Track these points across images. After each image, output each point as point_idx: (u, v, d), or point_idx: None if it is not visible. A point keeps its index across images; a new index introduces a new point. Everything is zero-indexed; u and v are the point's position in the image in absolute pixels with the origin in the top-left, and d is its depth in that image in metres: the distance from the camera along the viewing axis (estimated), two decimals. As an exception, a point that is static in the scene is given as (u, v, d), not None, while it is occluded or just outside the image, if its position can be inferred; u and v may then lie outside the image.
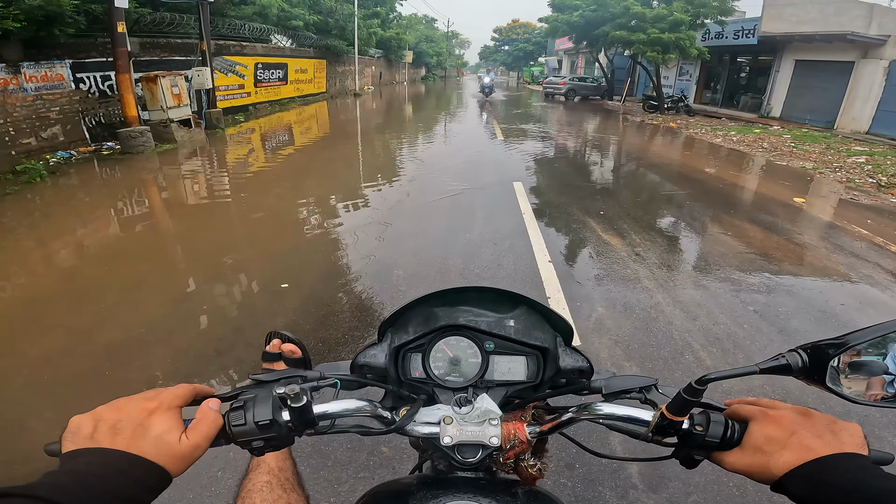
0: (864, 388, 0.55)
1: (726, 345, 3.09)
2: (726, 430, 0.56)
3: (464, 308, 0.78)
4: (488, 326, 0.75)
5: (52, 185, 7.08)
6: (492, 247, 4.53)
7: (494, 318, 0.77)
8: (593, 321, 3.30)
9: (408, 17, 46.26)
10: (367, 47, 27.86)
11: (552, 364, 0.75)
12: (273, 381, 0.61)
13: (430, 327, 0.75)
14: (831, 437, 0.50)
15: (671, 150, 11.29)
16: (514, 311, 0.78)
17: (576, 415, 0.66)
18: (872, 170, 8.96)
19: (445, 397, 0.73)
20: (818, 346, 0.55)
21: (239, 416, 0.56)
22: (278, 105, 17.72)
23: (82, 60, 9.52)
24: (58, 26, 8.44)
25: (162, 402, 0.53)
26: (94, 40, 9.68)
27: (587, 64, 33.05)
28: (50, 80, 8.89)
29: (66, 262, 4.50)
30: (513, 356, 0.76)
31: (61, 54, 9.10)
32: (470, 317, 0.76)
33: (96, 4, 9.23)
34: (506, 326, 0.76)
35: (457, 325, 0.75)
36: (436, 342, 0.76)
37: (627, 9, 17.37)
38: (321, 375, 0.67)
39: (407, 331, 0.76)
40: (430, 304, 0.79)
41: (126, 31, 9.07)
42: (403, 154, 9.68)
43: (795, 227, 5.59)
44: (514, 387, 0.76)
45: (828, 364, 0.54)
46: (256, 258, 4.45)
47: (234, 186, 7.05)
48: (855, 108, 15.13)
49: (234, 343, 3.04)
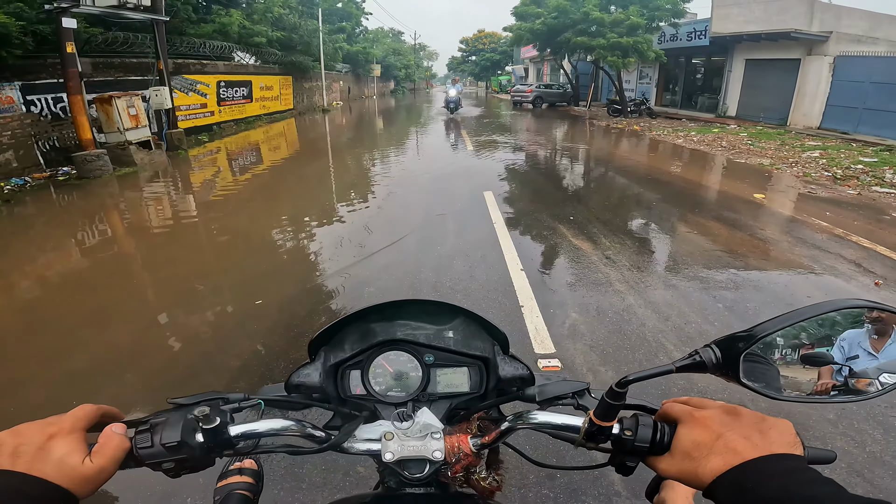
0: (810, 380, 0.54)
1: (698, 343, 3.06)
2: (655, 433, 0.54)
3: (401, 322, 0.77)
4: (427, 339, 0.74)
5: (7, 214, 6.77)
6: (464, 258, 4.50)
7: (433, 331, 0.76)
8: (567, 327, 3.29)
9: (374, 31, 46.25)
10: (333, 62, 27.72)
11: (494, 374, 0.74)
12: (191, 403, 0.60)
13: (368, 343, 0.74)
14: (759, 437, 0.47)
15: (636, 153, 11.53)
16: (452, 322, 0.78)
17: (512, 424, 0.65)
18: (827, 163, 9.31)
19: (387, 413, 0.71)
20: (729, 339, 0.54)
21: (145, 439, 0.56)
22: (244, 123, 17.32)
23: (32, 82, 9.17)
24: (4, 48, 8.16)
25: (63, 426, 0.52)
26: (44, 61, 9.35)
27: (552, 71, 33.63)
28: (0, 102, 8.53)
29: (24, 294, 4.28)
30: (454, 367, 0.75)
31: (10, 76, 8.75)
32: (408, 330, 0.75)
33: (44, 25, 8.97)
34: (444, 338, 0.75)
35: (395, 339, 0.74)
36: (374, 358, 0.74)
37: (587, 14, 17.80)
38: (245, 396, 0.66)
39: (343, 348, 0.75)
40: (365, 320, 0.77)
41: (76, 52, 8.78)
42: (374, 169, 9.58)
43: (758, 223, 5.73)
44: (458, 398, 0.75)
45: (739, 358, 0.52)
46: (221, 284, 4.32)
47: (197, 210, 6.87)
48: (805, 104, 15.65)
49: (200, 370, 2.92)
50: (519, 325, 3.29)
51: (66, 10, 8.37)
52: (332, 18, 30.20)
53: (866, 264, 4.46)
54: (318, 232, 5.59)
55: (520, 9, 21.43)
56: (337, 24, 30.70)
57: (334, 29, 29.59)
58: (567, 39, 18.82)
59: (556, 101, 26.45)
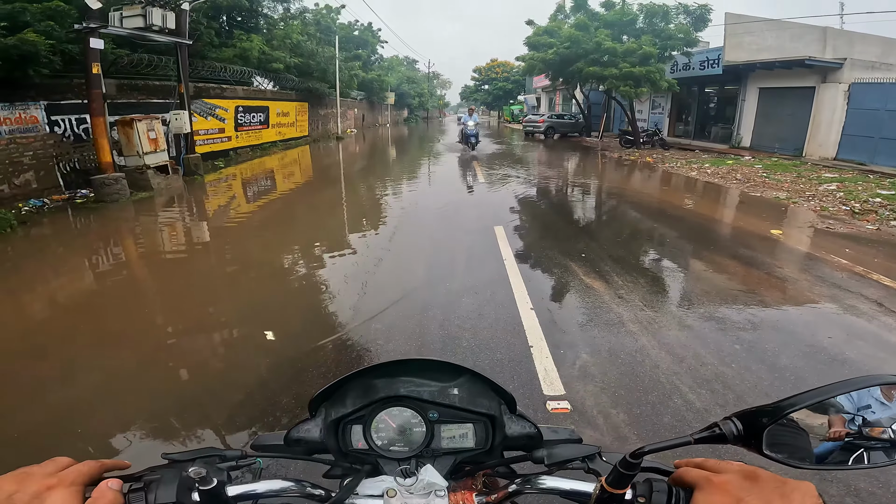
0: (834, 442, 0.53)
1: (715, 385, 3.00)
2: (670, 499, 0.54)
3: (404, 378, 0.76)
4: (431, 396, 0.73)
5: (23, 235, 6.89)
6: (473, 296, 4.40)
7: (437, 388, 0.75)
8: (578, 368, 3.19)
9: (389, 59, 47.25)
10: (348, 89, 28.18)
11: (501, 431, 0.74)
12: (187, 460, 0.59)
13: (370, 398, 0.73)
14: (781, 502, 0.46)
15: (649, 186, 11.44)
16: (458, 379, 0.77)
17: (520, 487, 0.64)
18: (844, 197, 9.16)
19: (390, 468, 0.70)
20: (751, 414, 0.54)
21: (139, 498, 0.55)
22: (259, 150, 17.52)
23: (57, 102, 9.31)
24: (33, 66, 8.24)
25: (63, 479, 0.52)
26: (70, 81, 9.49)
27: (564, 100, 33.87)
28: (24, 122, 8.65)
29: (35, 316, 4.33)
30: (459, 424, 0.74)
31: (35, 96, 8.88)
32: (411, 387, 0.74)
33: (72, 45, 9.10)
34: (450, 395, 0.74)
35: (398, 395, 0.72)
36: (377, 413, 0.73)
37: (599, 44, 17.86)
38: (242, 454, 0.64)
39: (345, 403, 0.74)
40: (367, 376, 0.76)
41: (101, 73, 8.91)
42: (384, 201, 9.52)
43: (775, 261, 5.60)
44: (463, 454, 0.74)
45: (763, 431, 0.52)
46: (229, 314, 4.30)
47: (211, 238, 6.92)
48: (820, 134, 15.38)
49: (205, 402, 2.87)
50: (528, 366, 3.20)
51: (94, 30, 8.53)
52: (348, 46, 30.85)
53: (888, 303, 4.31)
54: (325, 264, 5.56)
55: (532, 38, 21.60)
56: (353, 52, 31.34)
57: (350, 56, 30.17)
58: (579, 69, 18.89)
59: (568, 131, 26.49)
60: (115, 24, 9.35)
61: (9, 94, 8.36)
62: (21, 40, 7.77)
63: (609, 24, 18.77)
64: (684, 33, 17.48)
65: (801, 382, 3.05)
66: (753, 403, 1.90)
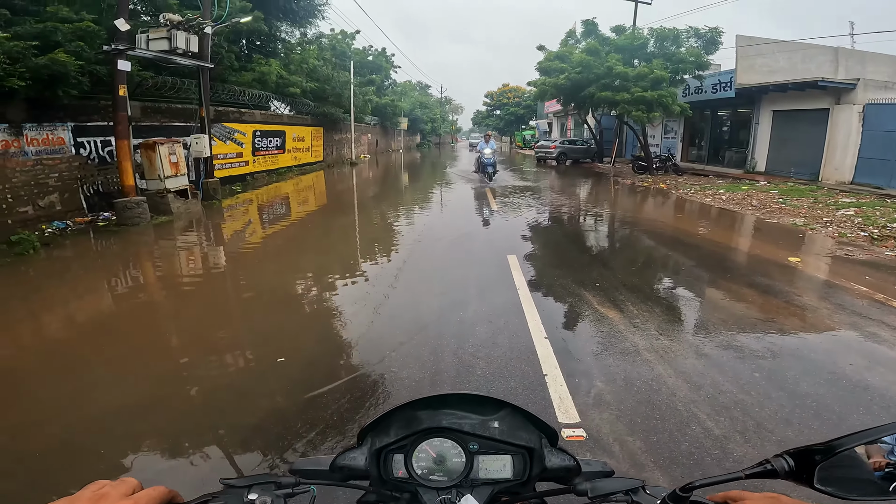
0: None
1: (734, 413, 2.97)
2: None
3: (446, 411, 0.78)
4: (472, 428, 0.75)
5: (45, 257, 7.03)
6: (486, 325, 4.37)
7: (478, 420, 0.77)
8: (593, 396, 3.16)
9: (402, 84, 47.93)
10: (362, 114, 28.48)
11: (538, 463, 0.75)
12: (244, 486, 0.61)
13: (413, 430, 0.75)
14: None
15: (663, 213, 11.39)
16: (498, 412, 0.79)
17: None
18: (863, 222, 9.05)
19: (429, 497, 0.73)
20: (804, 453, 0.56)
21: None
22: (275, 175, 17.67)
23: (84, 124, 9.38)
24: (62, 87, 8.26)
25: (137, 503, 0.54)
26: (97, 103, 9.56)
27: (576, 125, 33.95)
28: (51, 143, 8.71)
29: (53, 337, 4.41)
30: (498, 455, 0.76)
31: (63, 116, 8.96)
32: (453, 419, 0.76)
33: (100, 66, 9.16)
34: (490, 427, 0.76)
35: (440, 427, 0.75)
36: (418, 443, 0.75)
37: (610, 69, 17.86)
38: (296, 482, 0.66)
39: (388, 433, 0.76)
40: (411, 408, 0.79)
41: (127, 95, 9.01)
42: (399, 227, 9.50)
43: (794, 289, 5.53)
44: (501, 484, 0.76)
45: (815, 468, 0.55)
46: (246, 339, 4.35)
47: (226, 264, 7.00)
48: (836, 157, 15.15)
49: (218, 424, 2.88)
50: (542, 394, 3.18)
51: (122, 51, 8.66)
52: (362, 70, 31.29)
53: (911, 332, 4.24)
54: (338, 290, 5.58)
55: (544, 63, 21.69)
56: (367, 77, 31.73)
57: (364, 81, 30.52)
58: (591, 94, 18.86)
59: (580, 157, 26.42)
60: (142, 47, 9.52)
61: (38, 115, 8.43)
62: (52, 60, 7.81)
63: (620, 48, 18.85)
64: (695, 56, 17.39)
65: (822, 409, 3.02)
66: (774, 430, 2.41)
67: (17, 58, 7.44)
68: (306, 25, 20.27)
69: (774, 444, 2.67)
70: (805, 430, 2.80)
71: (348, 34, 29.55)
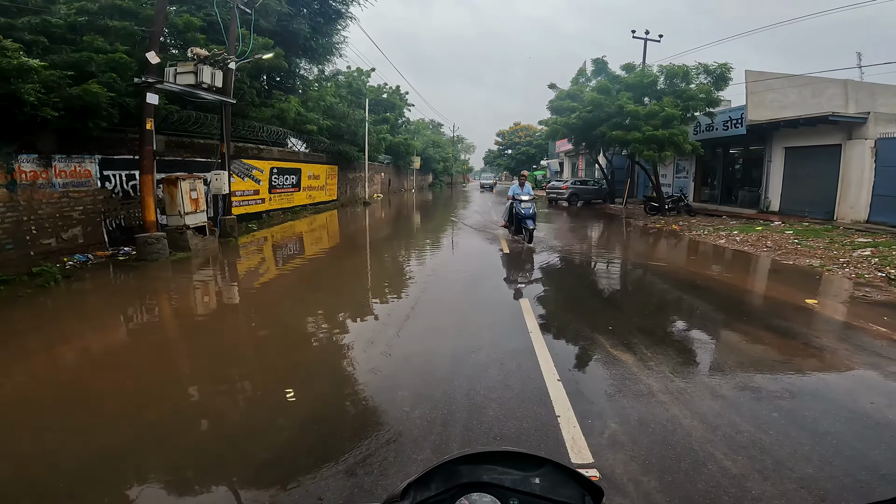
0: None
1: (752, 451, 2.92)
2: None
3: (487, 466, 0.78)
4: (513, 484, 0.75)
5: (65, 289, 7.18)
6: (498, 367, 4.31)
7: (519, 476, 0.77)
8: (607, 437, 3.11)
9: (416, 123, 48.42)
10: (376, 153, 28.44)
11: None
12: None
13: (452, 483, 0.75)
14: None
15: (676, 255, 11.28)
16: (540, 469, 0.78)
17: None
18: (880, 262, 8.92)
19: None
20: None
21: None
22: (290, 213, 17.74)
23: (111, 157, 9.41)
24: (93, 118, 8.27)
25: None
26: (124, 136, 9.60)
27: (587, 165, 33.88)
28: (78, 175, 8.74)
29: (66, 368, 4.50)
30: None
31: (92, 148, 8.98)
32: (494, 475, 0.76)
33: (130, 98, 9.20)
34: (531, 484, 0.76)
35: (480, 482, 0.75)
36: (458, 498, 0.75)
37: (622, 107, 17.79)
38: None
39: (429, 487, 0.76)
40: (453, 463, 0.79)
41: (154, 129, 9.06)
42: (410, 268, 9.30)
43: (812, 331, 5.44)
44: None
45: None
46: (257, 380, 4.36)
47: (240, 302, 7.09)
48: (850, 195, 14.80)
49: (228, 458, 2.88)
50: (555, 435, 3.13)
51: (152, 84, 8.80)
52: (377, 108, 31.62)
53: (931, 373, 4.15)
54: (350, 329, 5.62)
55: (555, 103, 21.81)
56: (381, 115, 32.06)
57: (379, 119, 30.67)
58: (602, 133, 18.82)
59: (592, 198, 26.07)
60: (170, 80, 9.66)
61: (67, 146, 8.47)
62: (85, 91, 7.89)
63: (630, 86, 18.87)
64: (706, 93, 17.21)
65: (843, 446, 2.97)
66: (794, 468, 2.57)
67: (53, 87, 7.54)
68: (324, 63, 20.59)
69: (794, 482, 2.62)
70: (826, 466, 2.76)
71: (364, 72, 29.82)
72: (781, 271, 8.98)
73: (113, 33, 10.44)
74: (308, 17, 17.23)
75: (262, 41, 13.84)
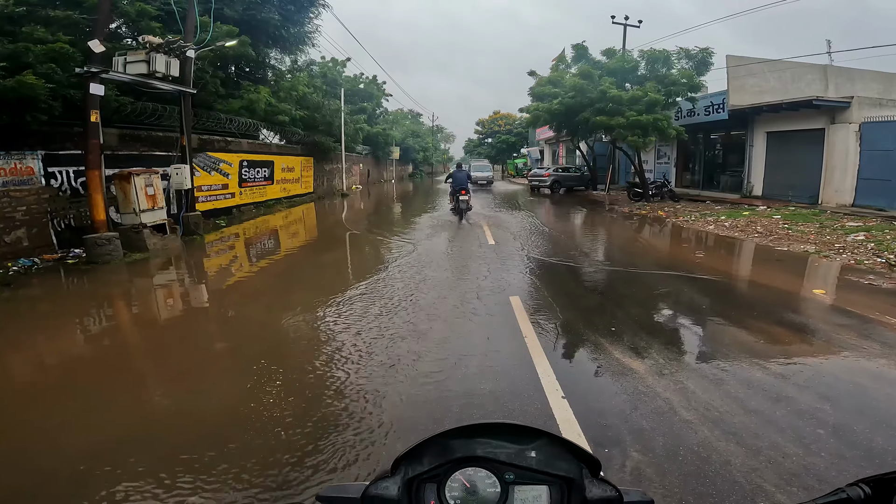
0: None
1: (807, 480, 2.48)
2: None
3: (481, 440, 0.75)
4: (508, 457, 0.73)
5: (9, 298, 6.47)
6: (493, 382, 3.71)
7: (514, 450, 0.75)
8: (629, 471, 2.58)
9: (394, 113, 47.88)
10: (354, 144, 28.06)
11: (577, 493, 0.72)
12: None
13: (446, 458, 0.74)
14: None
15: (667, 243, 10.90)
16: (536, 441, 0.76)
17: None
18: (876, 248, 8.65)
19: None
20: (883, 480, 0.58)
21: None
22: (263, 207, 16.99)
23: (55, 152, 8.83)
24: (31, 112, 7.81)
25: None
26: (70, 130, 9.00)
27: (568, 152, 33.70)
28: (19, 173, 8.15)
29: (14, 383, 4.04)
30: (534, 485, 0.73)
31: (33, 144, 8.42)
32: (488, 448, 0.74)
33: (74, 90, 8.59)
34: (527, 457, 0.74)
35: (475, 456, 0.73)
36: (452, 472, 0.74)
37: (604, 93, 17.41)
38: None
39: (422, 462, 0.74)
40: (446, 438, 0.76)
41: (100, 122, 8.39)
42: (391, 267, 8.14)
43: (829, 326, 5.04)
44: None
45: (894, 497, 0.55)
46: (220, 395, 3.76)
47: (205, 308, 6.39)
48: (835, 179, 14.67)
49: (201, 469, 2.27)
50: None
51: (95, 74, 8.16)
52: (353, 99, 31.07)
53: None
54: (331, 339, 4.85)
55: (536, 89, 21.45)
56: (358, 105, 31.56)
57: (356, 109, 30.33)
58: (586, 119, 18.46)
59: (574, 185, 26.08)
60: (119, 70, 8.99)
61: (5, 142, 7.91)
62: (19, 82, 7.42)
63: (612, 72, 18.56)
64: (688, 78, 17.09)
65: None
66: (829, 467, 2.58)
67: None
68: (296, 52, 19.81)
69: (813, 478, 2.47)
70: None
71: (339, 62, 29.46)
72: (779, 258, 8.61)
73: (56, 23, 9.87)
74: (278, 4, 16.34)
75: (225, 29, 13.07)
